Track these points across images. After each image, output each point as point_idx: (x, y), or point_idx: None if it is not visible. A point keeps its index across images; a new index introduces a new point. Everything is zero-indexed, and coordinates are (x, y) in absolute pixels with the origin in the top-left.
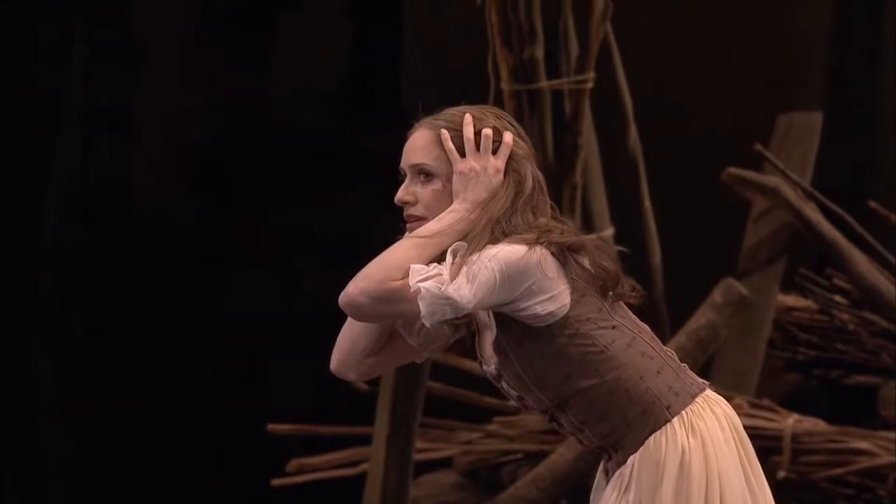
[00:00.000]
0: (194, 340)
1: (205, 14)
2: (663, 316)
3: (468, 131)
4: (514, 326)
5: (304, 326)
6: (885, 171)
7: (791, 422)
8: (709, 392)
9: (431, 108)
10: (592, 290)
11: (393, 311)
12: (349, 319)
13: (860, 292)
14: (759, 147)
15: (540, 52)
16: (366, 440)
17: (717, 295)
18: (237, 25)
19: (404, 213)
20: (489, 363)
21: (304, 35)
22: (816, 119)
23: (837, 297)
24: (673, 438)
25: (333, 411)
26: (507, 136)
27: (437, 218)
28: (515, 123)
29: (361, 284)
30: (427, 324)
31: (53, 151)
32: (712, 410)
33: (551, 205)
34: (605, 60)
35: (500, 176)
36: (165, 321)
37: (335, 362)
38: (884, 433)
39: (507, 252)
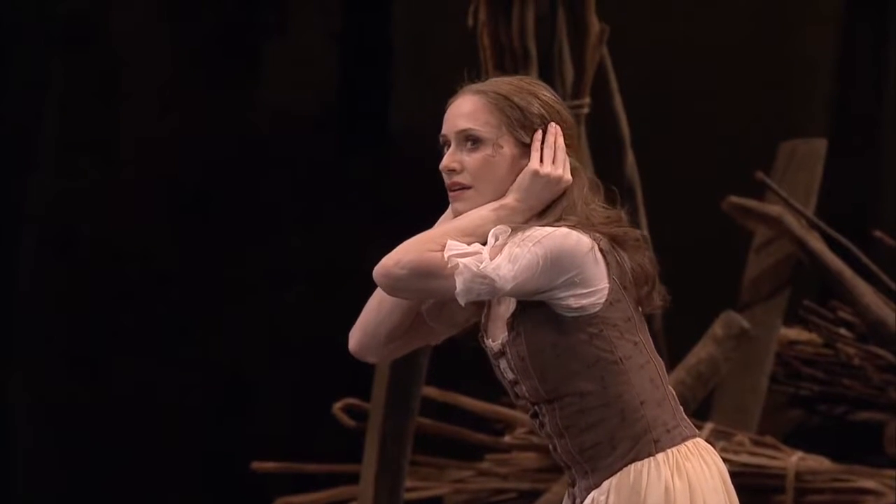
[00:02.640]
0: (176, 375)
1: (186, 40)
2: (662, 349)
3: (551, 140)
4: (536, 307)
5: (290, 360)
6: (891, 200)
7: (795, 460)
8: (700, 440)
9: (422, 133)
10: (628, 297)
11: (428, 285)
12: (375, 300)
13: (866, 325)
14: (760, 175)
15: (534, 77)
16: (353, 478)
17: (717, 328)
18: (220, 51)
19: (448, 181)
20: (495, 338)
21: (288, 61)
22: (820, 146)
23: (842, 331)
24: (656, 472)
25: (320, 448)
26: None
27: (489, 207)
28: (560, 100)
29: (398, 255)
30: (461, 301)
31: (30, 183)
32: (702, 457)
33: (597, 182)
34: (602, 85)
35: (563, 188)
36: (146, 356)
37: (357, 343)
38: (890, 472)
39: (554, 237)
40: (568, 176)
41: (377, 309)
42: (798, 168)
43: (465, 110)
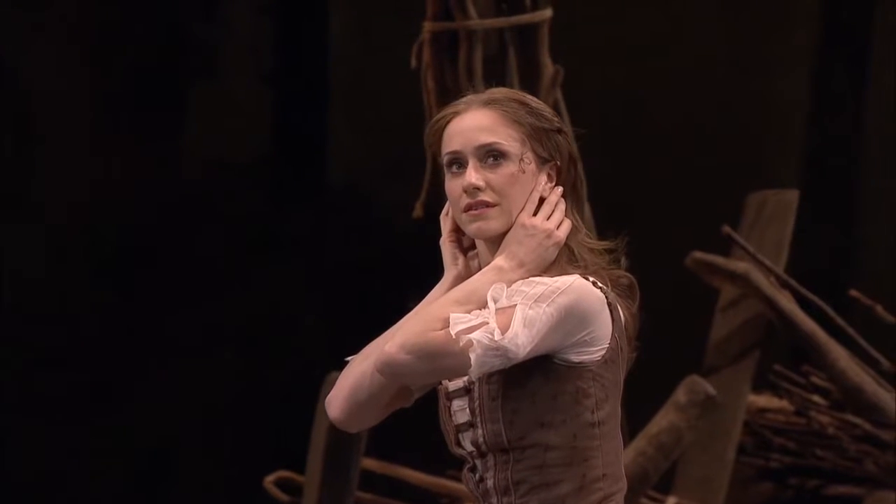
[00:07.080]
0: (98, 444)
1: (107, 83)
2: (621, 417)
3: (553, 199)
4: None
5: (219, 428)
6: (868, 257)
7: None
8: None
9: (362, 182)
10: (619, 360)
11: (436, 366)
12: (364, 370)
13: (841, 392)
14: (727, 229)
15: None
16: None
17: (680, 394)
18: (143, 96)
19: (470, 200)
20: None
21: (218, 106)
22: (792, 197)
23: (815, 397)
24: None
25: None
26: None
27: (479, 273)
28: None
29: (399, 340)
30: (474, 376)
31: None
32: None
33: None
34: None
35: (557, 248)
36: (68, 423)
37: (343, 414)
38: None
39: (568, 294)
40: (560, 234)
41: (369, 380)
42: (768, 221)
43: (482, 123)
